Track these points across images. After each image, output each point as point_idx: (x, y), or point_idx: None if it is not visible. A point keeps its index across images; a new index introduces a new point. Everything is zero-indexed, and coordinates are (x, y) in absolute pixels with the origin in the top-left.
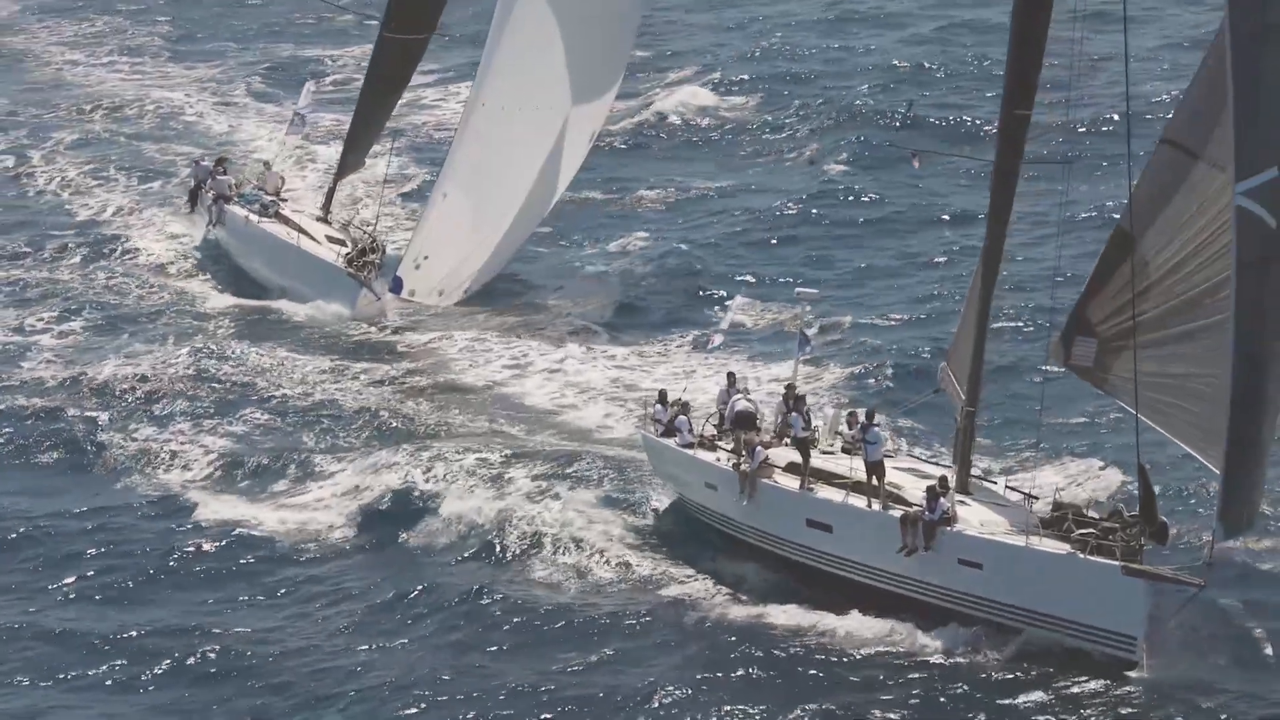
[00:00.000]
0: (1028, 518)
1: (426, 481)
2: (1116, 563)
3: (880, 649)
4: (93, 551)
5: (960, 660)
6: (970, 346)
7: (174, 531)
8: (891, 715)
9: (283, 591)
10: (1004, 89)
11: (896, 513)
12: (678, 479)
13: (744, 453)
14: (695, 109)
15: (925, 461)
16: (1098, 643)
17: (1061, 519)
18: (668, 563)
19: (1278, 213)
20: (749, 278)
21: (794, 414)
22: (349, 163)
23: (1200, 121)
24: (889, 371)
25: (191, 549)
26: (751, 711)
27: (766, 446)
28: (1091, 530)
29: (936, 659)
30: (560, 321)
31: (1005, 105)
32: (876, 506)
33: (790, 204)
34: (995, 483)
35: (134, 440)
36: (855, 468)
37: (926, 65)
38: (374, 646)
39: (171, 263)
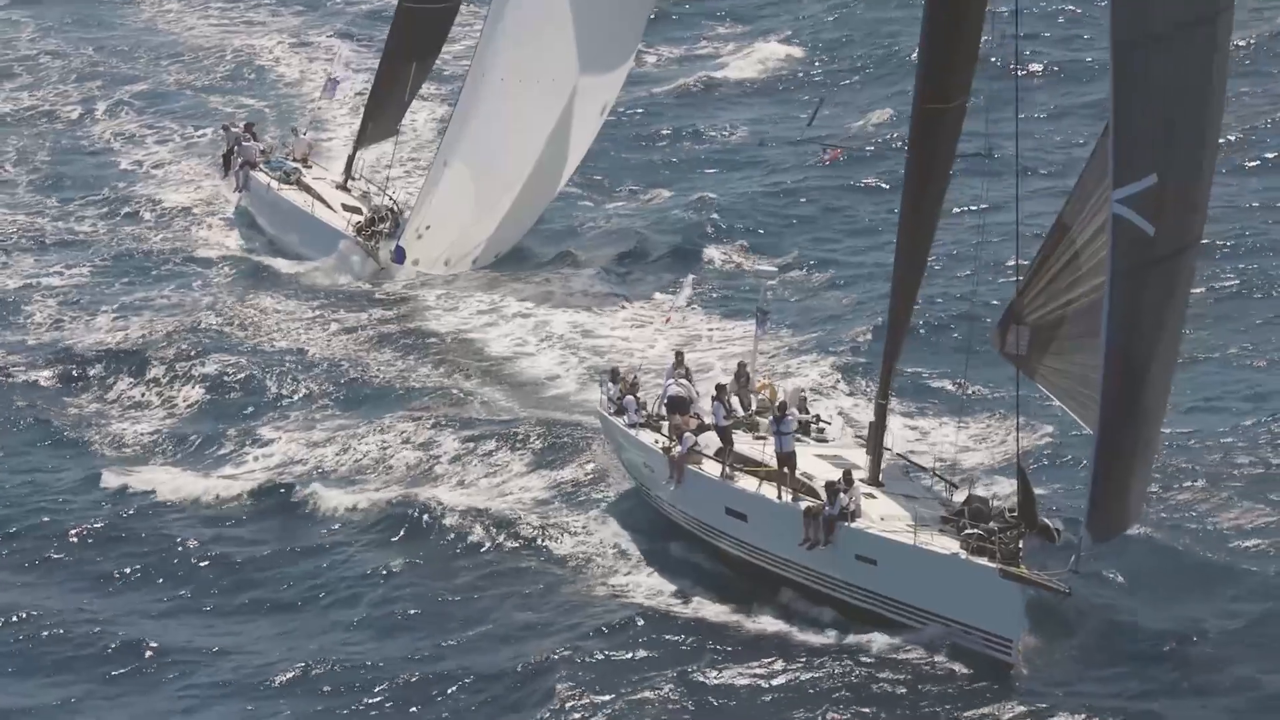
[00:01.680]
0: (932, 513)
1: (356, 453)
2: (994, 565)
3: (773, 638)
4: None
5: (844, 652)
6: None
7: (93, 500)
8: (763, 699)
9: (180, 569)
10: (915, 83)
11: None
12: (625, 458)
13: (673, 437)
14: (766, 63)
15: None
16: (979, 643)
17: (959, 515)
18: (588, 537)
19: (1156, 220)
20: (741, 243)
21: (716, 402)
22: (369, 132)
23: None
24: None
25: (102, 520)
26: (646, 691)
27: (698, 432)
28: (977, 530)
29: (827, 647)
30: (550, 271)
31: (917, 100)
32: (788, 498)
33: (815, 176)
34: (923, 472)
35: (94, 393)
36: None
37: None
38: (273, 626)
39: (197, 220)
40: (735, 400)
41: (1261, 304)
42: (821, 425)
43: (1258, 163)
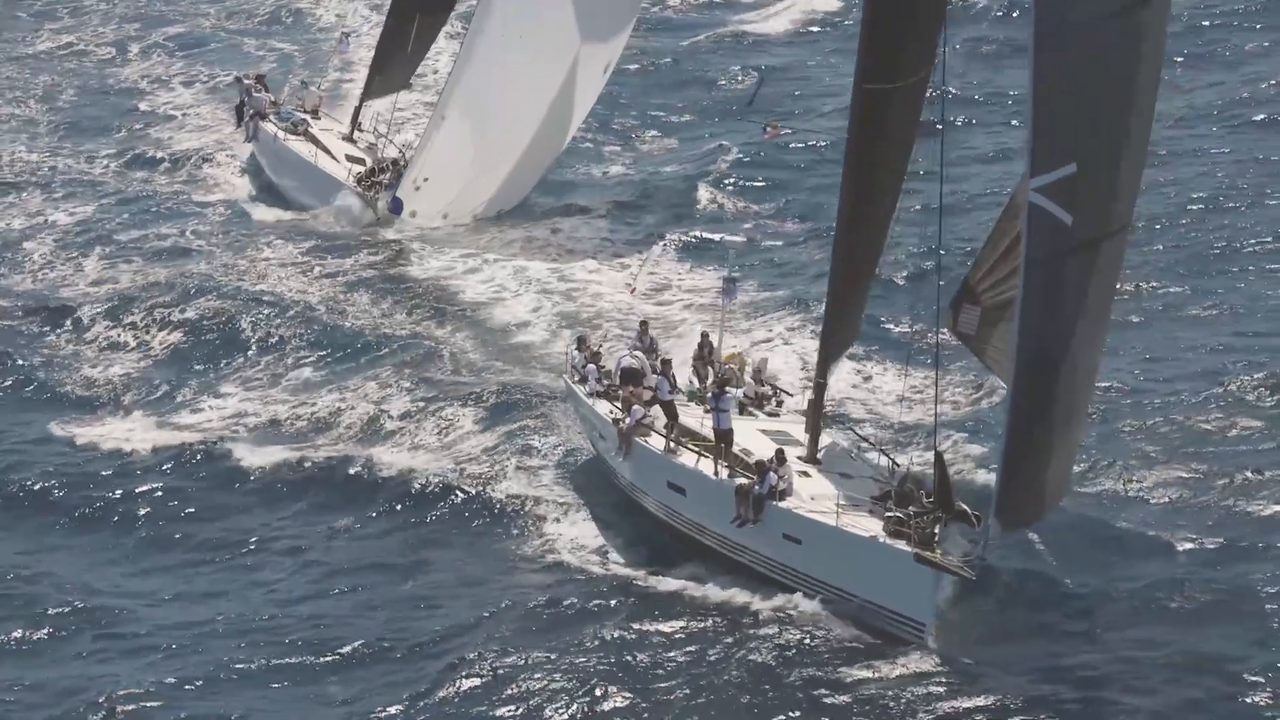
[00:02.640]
0: (863, 494)
1: (312, 407)
2: (909, 549)
3: (699, 610)
4: None
5: (761, 616)
6: (835, 323)
7: (41, 449)
8: (679, 660)
9: (115, 522)
10: (856, 63)
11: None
12: (585, 426)
13: (624, 409)
14: (801, 13)
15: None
16: (895, 625)
17: (886, 497)
18: (530, 496)
19: (1073, 209)
20: (742, 195)
21: (661, 377)
22: (375, 85)
23: None
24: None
25: (46, 469)
26: (572, 651)
27: (650, 404)
28: (899, 514)
29: (747, 610)
30: (547, 218)
31: (858, 80)
32: (724, 474)
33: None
34: (871, 449)
35: (72, 334)
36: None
37: None
38: (206, 583)
39: (207, 167)
40: (693, 372)
41: (1189, 284)
42: (781, 399)
43: (1198, 148)
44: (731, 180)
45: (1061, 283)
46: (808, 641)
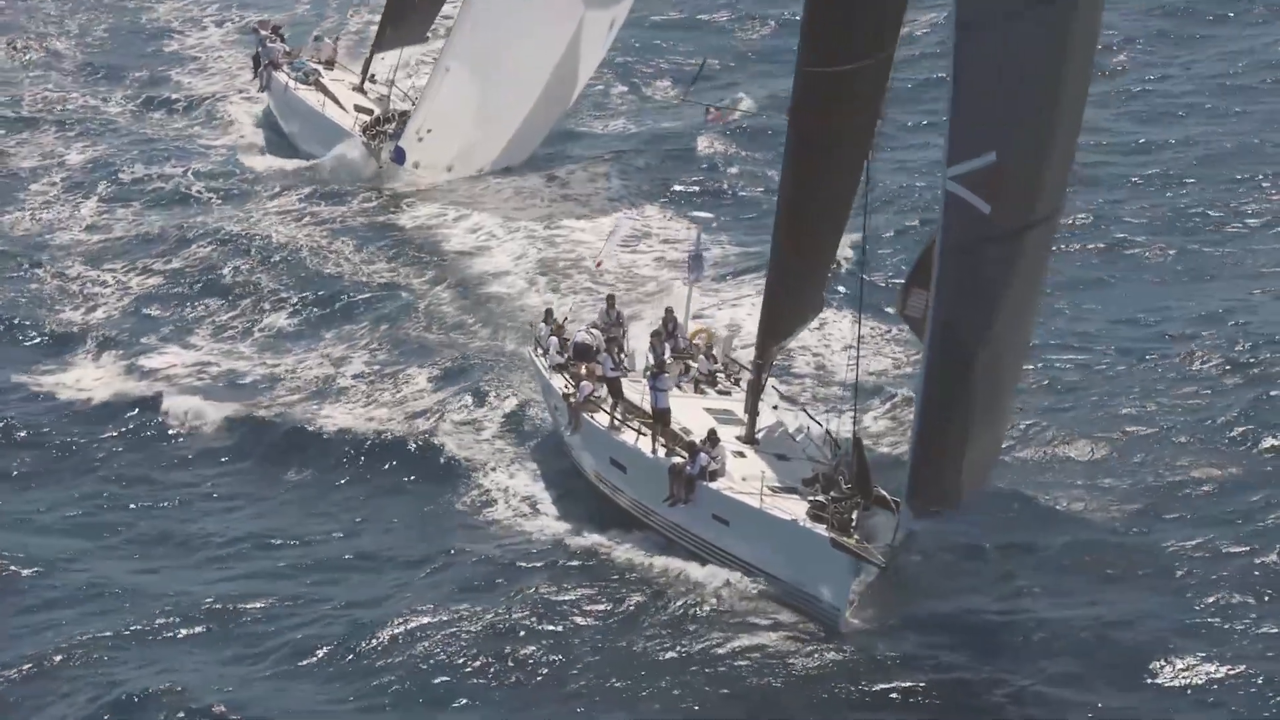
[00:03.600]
0: (795, 477)
1: (273, 363)
2: (826, 534)
3: (624, 575)
4: None
5: (681, 586)
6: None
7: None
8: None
9: (52, 473)
10: (799, 45)
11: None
12: (545, 398)
13: (573, 385)
14: None
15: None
16: (813, 608)
17: (815, 480)
18: (470, 468)
19: (992, 199)
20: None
21: (604, 354)
22: (386, 37)
23: None
24: None
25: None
26: (487, 608)
27: (601, 380)
28: (820, 499)
29: (675, 580)
30: (547, 168)
31: (800, 62)
32: (663, 454)
33: None
34: (815, 429)
35: (56, 273)
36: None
37: None
38: (140, 543)
39: (220, 113)
40: (650, 349)
41: (1103, 259)
42: (739, 377)
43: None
44: (734, 134)
45: (979, 272)
46: (721, 614)
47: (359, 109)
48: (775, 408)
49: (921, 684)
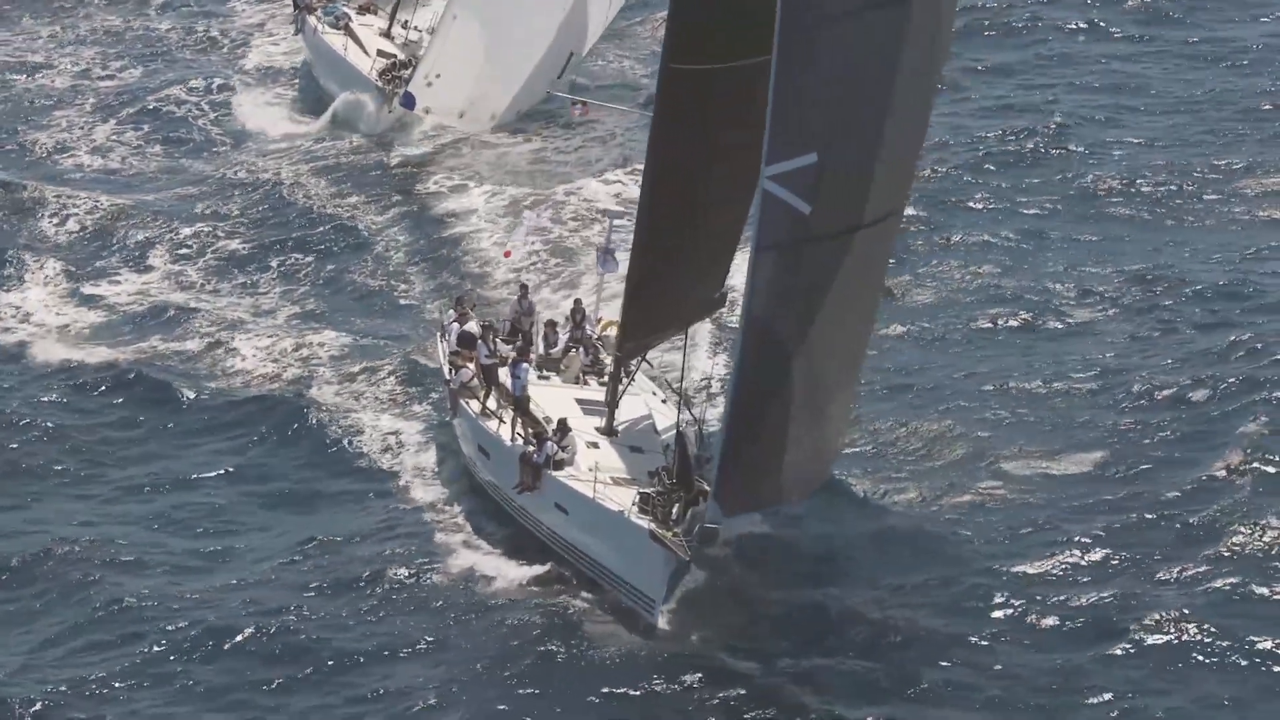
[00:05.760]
0: (642, 468)
1: (202, 299)
2: (646, 526)
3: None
4: None
5: (499, 579)
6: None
7: None
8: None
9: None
10: (664, 41)
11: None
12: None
13: (452, 372)
14: None
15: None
16: (632, 599)
17: (659, 472)
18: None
19: (812, 199)
20: None
21: (480, 341)
22: None
23: None
24: None
25: None
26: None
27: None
28: (645, 491)
29: (495, 583)
30: (543, 128)
31: (665, 58)
32: (520, 441)
33: None
34: (684, 423)
35: (56, 208)
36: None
37: None
38: (84, 509)
39: (257, 50)
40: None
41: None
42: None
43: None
44: None
45: (796, 273)
46: (550, 605)
47: (381, 54)
48: (665, 401)
49: (738, 677)
